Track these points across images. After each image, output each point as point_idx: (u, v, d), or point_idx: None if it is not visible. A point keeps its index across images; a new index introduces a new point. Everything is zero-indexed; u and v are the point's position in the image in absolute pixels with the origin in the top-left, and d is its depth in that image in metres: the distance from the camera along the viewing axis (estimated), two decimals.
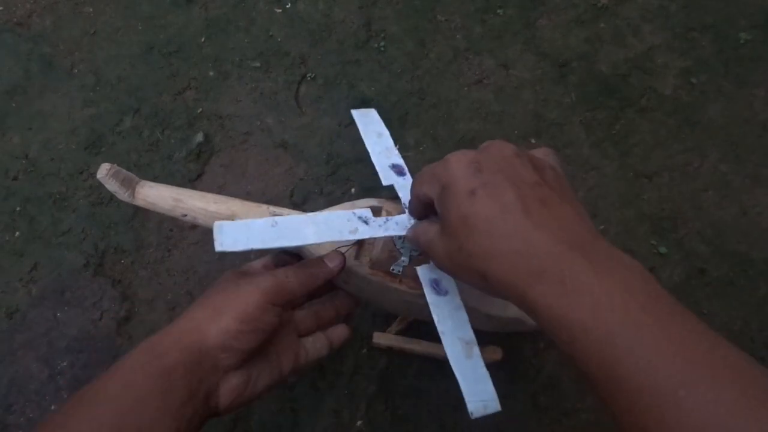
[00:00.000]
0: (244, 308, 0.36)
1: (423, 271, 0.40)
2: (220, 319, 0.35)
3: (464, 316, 0.39)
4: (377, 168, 0.46)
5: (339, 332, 0.45)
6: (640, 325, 0.24)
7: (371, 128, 0.49)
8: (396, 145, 0.48)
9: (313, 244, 0.40)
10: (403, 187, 0.45)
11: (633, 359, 0.24)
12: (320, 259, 0.41)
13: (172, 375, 0.32)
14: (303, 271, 0.40)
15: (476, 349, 0.38)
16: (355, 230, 0.40)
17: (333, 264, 0.41)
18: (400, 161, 0.47)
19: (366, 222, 0.40)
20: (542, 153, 0.34)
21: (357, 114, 0.50)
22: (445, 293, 0.39)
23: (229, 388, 0.35)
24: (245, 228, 0.38)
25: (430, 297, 0.39)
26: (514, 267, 0.27)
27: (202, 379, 0.34)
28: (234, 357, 0.35)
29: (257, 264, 0.45)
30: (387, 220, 0.41)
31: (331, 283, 0.44)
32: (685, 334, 0.24)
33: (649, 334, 0.24)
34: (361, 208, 0.42)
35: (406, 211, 0.42)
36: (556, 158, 0.34)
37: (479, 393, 0.36)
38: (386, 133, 0.49)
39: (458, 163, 0.31)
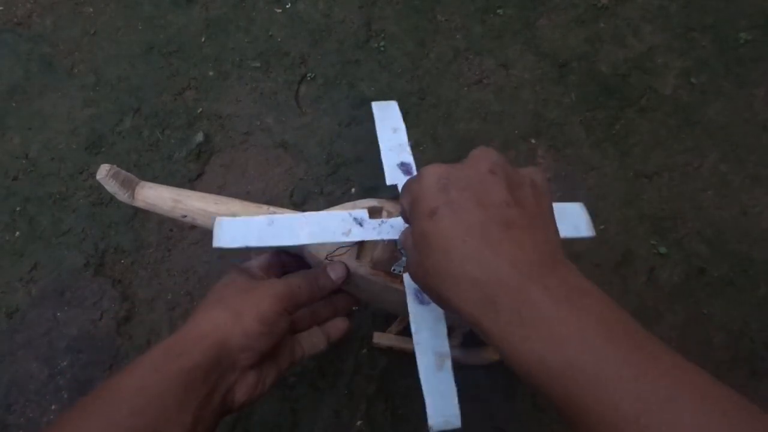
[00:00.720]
0: (264, 312, 0.37)
1: (408, 279, 0.40)
2: (242, 321, 0.36)
3: (443, 329, 0.38)
4: (384, 164, 0.45)
5: (337, 325, 0.46)
6: (598, 355, 0.24)
7: (388, 122, 0.48)
8: (410, 142, 0.47)
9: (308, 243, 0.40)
10: None
11: (592, 390, 0.23)
12: (326, 272, 0.43)
13: (191, 375, 0.33)
14: (312, 283, 0.42)
15: (448, 363, 0.37)
16: (349, 232, 0.40)
17: (336, 276, 0.43)
18: (410, 159, 0.46)
19: (360, 224, 0.40)
20: (528, 171, 0.32)
21: (377, 106, 0.49)
22: (428, 303, 0.39)
23: (245, 385, 0.37)
24: (243, 225, 0.38)
25: (412, 306, 0.39)
26: (469, 293, 0.27)
27: (220, 378, 0.35)
28: (252, 357, 0.37)
29: (255, 263, 0.45)
30: (382, 222, 0.41)
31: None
32: (645, 359, 0.24)
33: (607, 364, 0.23)
34: (359, 209, 0.42)
35: None
36: (540, 175, 0.33)
37: (443, 408, 0.36)
38: (402, 128, 0.47)
39: (429, 178, 0.30)
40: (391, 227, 0.41)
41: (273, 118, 0.79)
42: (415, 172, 0.45)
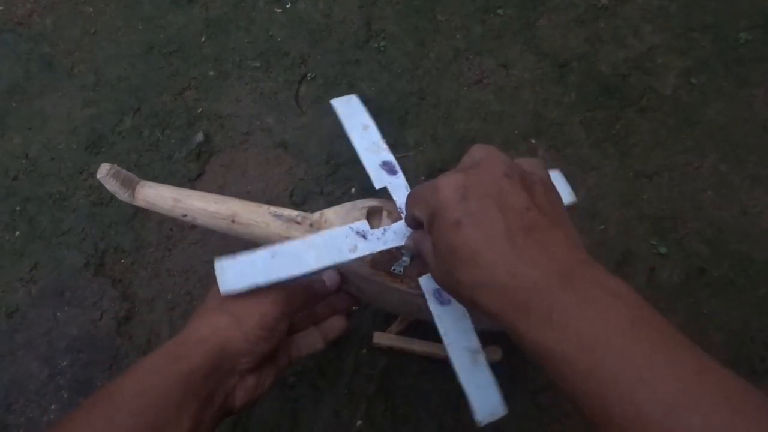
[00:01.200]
0: (264, 318, 0.37)
1: (425, 282, 0.40)
2: (242, 325, 0.36)
3: (468, 325, 0.38)
4: (367, 168, 0.44)
5: (334, 325, 0.46)
6: (624, 355, 0.24)
7: (355, 120, 0.46)
8: (384, 139, 0.45)
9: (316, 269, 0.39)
10: (397, 187, 0.43)
11: (617, 390, 0.23)
12: (320, 279, 0.44)
13: (191, 377, 0.33)
14: (307, 289, 0.42)
15: (481, 357, 0.37)
16: (355, 248, 0.39)
17: (330, 283, 0.45)
18: (390, 157, 0.44)
19: (364, 236, 0.40)
20: (531, 165, 0.32)
21: (337, 103, 0.46)
22: (448, 302, 0.39)
23: (245, 388, 0.37)
24: (246, 264, 0.37)
25: (434, 308, 0.39)
26: (501, 299, 0.27)
27: (220, 382, 0.36)
28: (252, 361, 0.37)
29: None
30: (385, 231, 0.40)
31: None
32: (672, 360, 0.24)
33: (632, 364, 0.24)
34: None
35: (402, 214, 0.41)
36: (544, 170, 0.33)
37: (486, 401, 0.36)
38: (372, 124, 0.45)
39: (446, 189, 0.30)
40: (394, 233, 0.40)
41: (273, 118, 0.79)
42: (399, 170, 0.44)
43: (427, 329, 0.62)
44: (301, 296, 0.41)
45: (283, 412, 0.61)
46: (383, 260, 0.43)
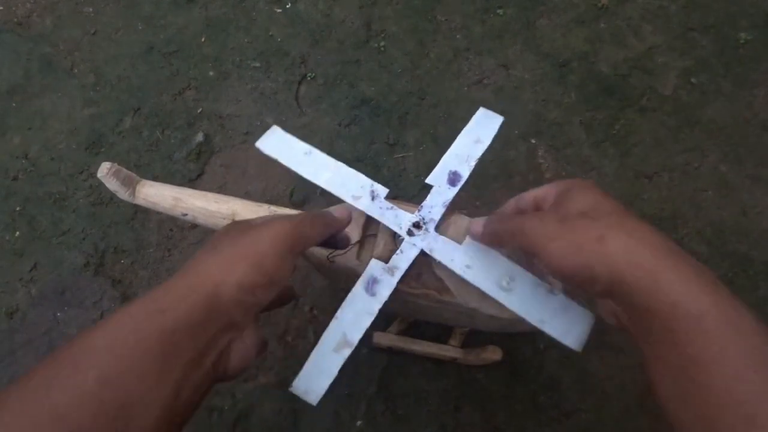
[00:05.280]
0: (262, 258, 0.31)
1: (372, 267, 0.41)
2: (235, 270, 0.30)
3: (366, 323, 0.40)
4: (440, 164, 0.44)
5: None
6: (750, 384, 0.24)
7: (477, 131, 0.47)
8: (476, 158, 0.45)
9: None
10: (440, 194, 0.43)
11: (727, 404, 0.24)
12: (329, 212, 0.40)
13: (175, 336, 0.28)
14: (319, 219, 0.37)
15: (347, 352, 0.38)
16: (359, 198, 0.42)
17: (342, 216, 0.40)
18: (466, 173, 0.45)
19: (373, 197, 0.42)
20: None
21: (483, 112, 0.47)
22: (373, 294, 0.41)
23: (242, 348, 0.31)
24: (288, 144, 0.44)
25: (358, 291, 0.41)
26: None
27: (211, 340, 0.30)
28: (249, 314, 0.31)
29: (261, 219, 0.39)
30: (392, 208, 0.41)
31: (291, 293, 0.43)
32: None
33: (754, 390, 0.24)
34: (380, 186, 0.43)
35: (424, 218, 0.42)
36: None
37: (313, 381, 0.37)
38: (486, 144, 0.46)
39: (575, 207, 0.32)
40: (395, 217, 0.41)
41: (273, 118, 0.79)
42: (459, 185, 0.44)
43: (427, 329, 0.62)
44: (311, 227, 0.35)
45: (284, 412, 0.61)
46: (383, 260, 0.43)
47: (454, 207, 0.43)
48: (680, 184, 0.74)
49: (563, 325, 0.36)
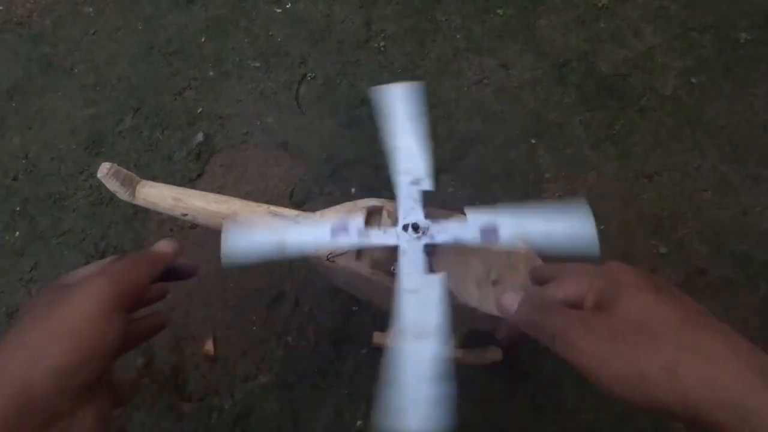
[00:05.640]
0: (78, 332, 0.27)
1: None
2: (46, 355, 0.26)
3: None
4: (494, 211, 0.38)
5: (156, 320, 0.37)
6: None
7: (567, 224, 0.42)
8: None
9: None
10: (463, 229, 0.38)
11: None
12: (151, 249, 0.35)
13: None
14: (142, 260, 0.32)
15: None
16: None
17: (165, 249, 0.35)
18: (502, 240, 0.38)
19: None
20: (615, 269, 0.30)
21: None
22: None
23: (86, 428, 0.27)
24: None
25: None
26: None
27: None
28: (77, 397, 0.27)
29: (83, 271, 0.32)
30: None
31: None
32: None
33: None
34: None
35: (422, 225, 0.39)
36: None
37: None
38: (558, 245, 0.40)
39: (626, 270, 0.29)
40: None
41: (273, 118, 0.79)
42: (494, 240, 0.37)
43: None
44: (136, 269, 0.31)
45: (284, 412, 0.61)
46: (383, 260, 0.43)
47: (450, 207, 0.43)
48: (680, 184, 0.74)
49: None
